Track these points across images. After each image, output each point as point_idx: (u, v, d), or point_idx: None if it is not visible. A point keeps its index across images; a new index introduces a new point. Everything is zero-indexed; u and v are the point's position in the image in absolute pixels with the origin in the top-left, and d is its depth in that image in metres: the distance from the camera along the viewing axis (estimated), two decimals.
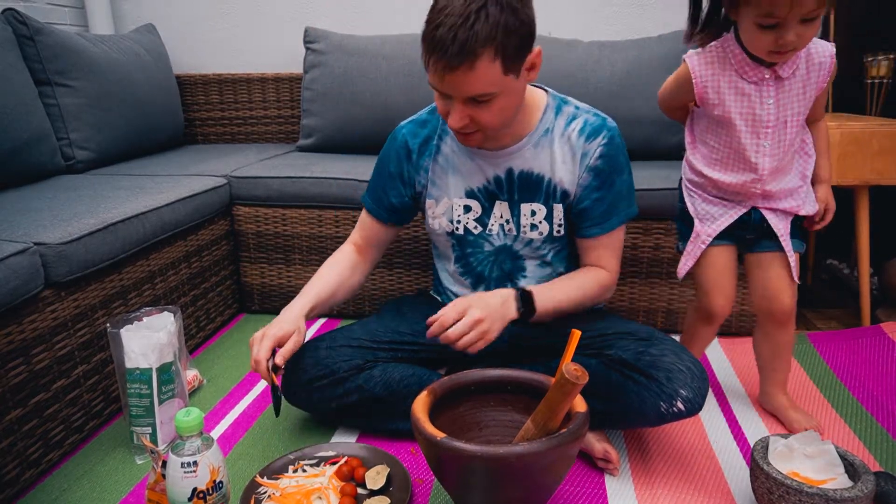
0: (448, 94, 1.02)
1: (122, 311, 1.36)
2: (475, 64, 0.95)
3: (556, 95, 1.21)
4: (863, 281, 1.80)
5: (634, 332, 1.16)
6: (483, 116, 1.03)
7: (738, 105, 1.11)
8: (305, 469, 1.12)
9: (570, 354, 0.92)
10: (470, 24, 0.92)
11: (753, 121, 1.11)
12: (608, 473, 1.14)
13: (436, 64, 0.97)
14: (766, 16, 0.98)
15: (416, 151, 1.25)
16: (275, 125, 2.43)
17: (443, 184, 1.24)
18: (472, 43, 0.93)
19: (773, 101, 1.10)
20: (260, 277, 1.89)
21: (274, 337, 1.12)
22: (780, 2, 0.96)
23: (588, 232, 1.20)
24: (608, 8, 2.23)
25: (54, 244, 1.17)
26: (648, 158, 1.95)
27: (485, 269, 1.28)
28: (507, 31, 0.95)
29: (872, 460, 1.17)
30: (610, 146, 1.16)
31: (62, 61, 1.80)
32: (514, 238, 1.24)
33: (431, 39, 0.96)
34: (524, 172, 1.19)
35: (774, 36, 1.00)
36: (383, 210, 1.30)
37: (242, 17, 2.42)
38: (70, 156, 1.84)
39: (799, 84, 1.10)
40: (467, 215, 1.24)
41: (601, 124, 1.17)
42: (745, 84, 1.10)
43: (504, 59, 0.97)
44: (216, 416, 1.36)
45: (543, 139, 1.17)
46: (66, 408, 1.21)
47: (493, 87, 0.99)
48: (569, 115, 1.18)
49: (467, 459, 0.84)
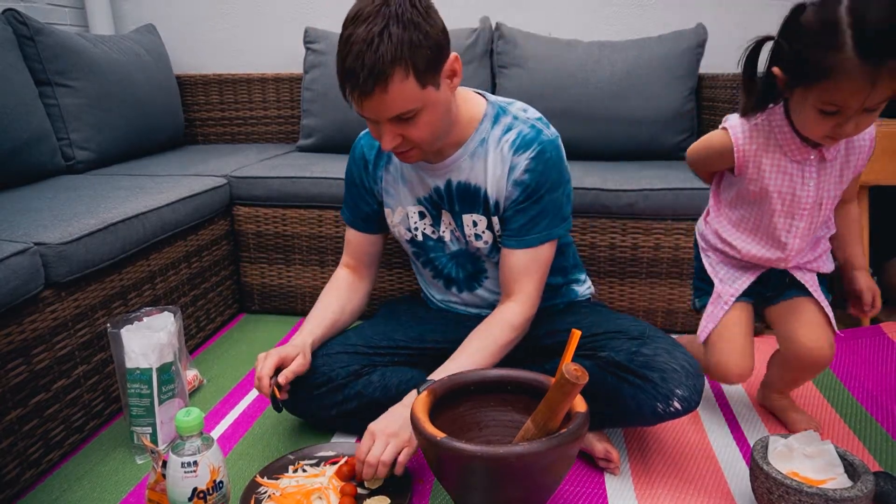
0: (374, 119, 1.02)
1: (122, 311, 1.36)
2: (388, 85, 0.95)
3: (495, 103, 1.17)
4: None
5: (626, 331, 1.15)
6: (412, 133, 1.03)
7: (778, 183, 1.07)
8: (305, 469, 1.12)
9: (570, 354, 0.92)
10: (374, 48, 0.93)
11: (791, 201, 1.07)
12: (609, 473, 1.14)
13: (352, 93, 0.98)
14: (830, 104, 0.93)
15: (372, 162, 1.25)
16: (275, 125, 2.43)
17: (395, 192, 1.25)
18: (381, 65, 0.93)
19: (813, 183, 1.05)
20: (260, 277, 1.89)
21: (278, 355, 1.12)
22: (854, 95, 0.90)
23: (505, 242, 1.16)
24: (608, 8, 2.23)
25: (54, 244, 1.17)
26: (648, 158, 1.95)
27: (451, 270, 1.29)
28: (412, 47, 0.95)
29: (872, 460, 1.17)
30: (538, 160, 1.11)
31: (62, 61, 1.80)
32: (466, 244, 1.24)
33: (342, 71, 0.97)
34: (461, 184, 1.17)
35: (834, 123, 0.95)
36: (360, 221, 1.31)
37: (242, 17, 2.42)
38: (70, 156, 1.84)
39: (838, 166, 1.07)
40: (423, 221, 1.24)
41: (533, 137, 1.12)
42: (788, 162, 1.05)
43: (416, 74, 0.97)
44: (216, 416, 1.36)
45: (479, 149, 1.15)
46: (66, 408, 1.21)
47: (414, 104, 0.99)
48: (505, 125, 1.14)
49: (467, 459, 0.84)
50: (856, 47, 0.86)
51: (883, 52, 0.86)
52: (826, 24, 0.89)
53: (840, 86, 0.90)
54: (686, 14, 2.18)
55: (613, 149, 1.97)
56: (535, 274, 1.16)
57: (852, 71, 0.87)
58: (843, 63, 0.87)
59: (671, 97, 1.91)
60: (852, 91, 0.89)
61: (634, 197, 1.61)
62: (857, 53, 0.86)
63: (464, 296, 1.31)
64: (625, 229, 1.65)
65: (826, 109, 0.94)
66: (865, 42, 0.86)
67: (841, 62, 0.87)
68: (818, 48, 0.90)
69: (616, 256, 1.67)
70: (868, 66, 0.87)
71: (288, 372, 1.12)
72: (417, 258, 1.32)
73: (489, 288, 1.28)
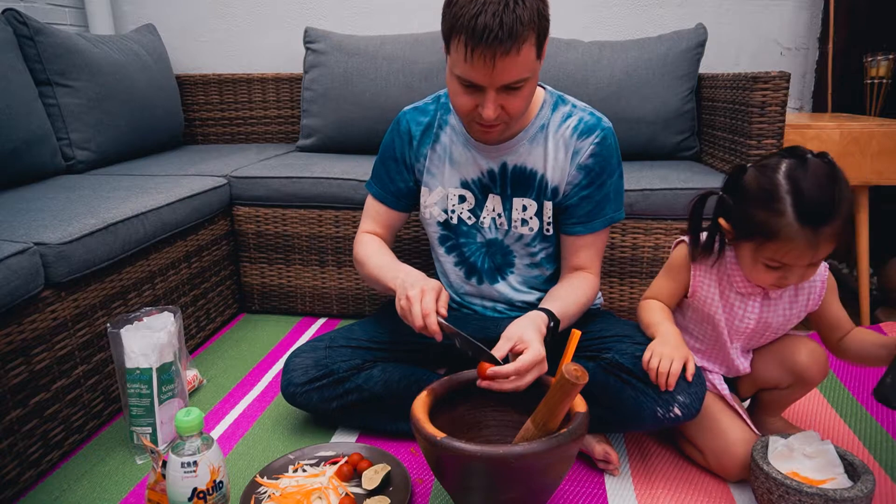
0: (479, 86, 1.01)
1: (122, 311, 1.36)
2: (521, 48, 0.96)
3: (553, 92, 1.21)
4: (862, 281, 1.80)
5: (632, 336, 1.15)
6: (513, 103, 1.04)
7: (722, 311, 1.12)
8: (305, 469, 1.12)
9: (570, 354, 0.92)
10: (511, 8, 0.94)
11: (731, 328, 1.12)
12: (608, 474, 1.14)
13: (483, 52, 0.95)
14: (775, 261, 0.99)
15: (418, 138, 1.25)
16: (275, 125, 2.43)
17: (438, 173, 1.24)
18: (519, 27, 0.94)
19: (754, 316, 1.10)
20: (260, 277, 1.89)
21: (434, 289, 1.03)
22: (798, 256, 0.96)
23: (571, 230, 1.20)
24: (608, 9, 2.23)
25: (54, 244, 1.17)
26: (648, 158, 1.95)
27: (477, 259, 1.28)
28: (541, 15, 0.98)
29: (872, 460, 1.17)
30: (602, 146, 1.16)
31: (62, 62, 1.80)
32: (506, 233, 1.24)
33: (474, 28, 0.94)
34: (518, 167, 1.19)
35: (779, 275, 1.00)
36: (391, 195, 1.29)
37: (242, 17, 2.42)
38: (70, 156, 1.84)
39: (786, 301, 1.10)
40: (462, 205, 1.24)
41: (595, 123, 1.16)
42: (731, 293, 1.10)
43: (538, 42, 0.99)
44: (216, 416, 1.36)
45: (539, 135, 1.17)
46: (66, 408, 1.21)
47: (529, 71, 1.01)
48: (565, 112, 1.18)
49: (467, 459, 0.84)
50: (796, 214, 0.93)
51: (820, 220, 0.93)
52: (767, 189, 0.96)
53: (785, 247, 0.96)
54: (686, 14, 2.18)
55: None
56: (600, 253, 1.24)
57: (795, 236, 0.94)
58: (785, 228, 0.94)
59: (671, 97, 1.91)
60: (797, 253, 0.96)
61: (634, 197, 1.61)
62: (797, 220, 0.93)
63: (483, 287, 1.29)
64: (624, 229, 1.65)
65: (771, 265, 1.00)
66: (804, 210, 0.93)
67: (784, 227, 0.94)
68: (761, 210, 0.97)
69: (616, 256, 1.67)
70: (808, 232, 0.93)
71: (444, 302, 1.04)
72: (443, 242, 1.30)
73: (511, 283, 1.28)
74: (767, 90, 1.53)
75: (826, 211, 0.93)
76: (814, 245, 0.94)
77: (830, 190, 0.93)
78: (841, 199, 0.93)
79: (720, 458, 1.09)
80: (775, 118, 1.54)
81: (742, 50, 2.21)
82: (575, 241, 1.21)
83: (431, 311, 1.00)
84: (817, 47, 2.16)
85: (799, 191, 0.93)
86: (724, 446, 1.09)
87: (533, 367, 0.97)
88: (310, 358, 1.23)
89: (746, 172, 1.01)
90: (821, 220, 0.93)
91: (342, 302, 1.87)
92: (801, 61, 2.20)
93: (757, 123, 1.55)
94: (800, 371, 1.11)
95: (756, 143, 1.56)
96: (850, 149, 1.68)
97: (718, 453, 1.10)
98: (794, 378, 1.12)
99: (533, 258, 1.25)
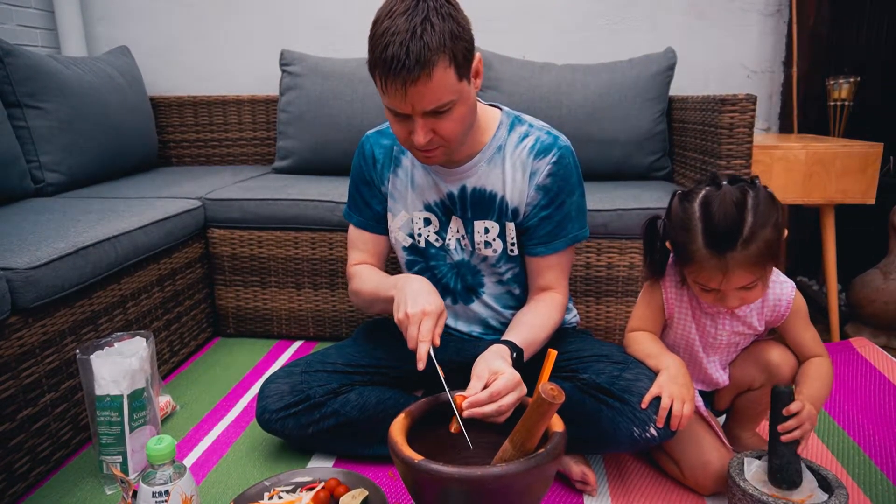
0: (407, 114, 1.02)
1: (92, 337, 1.33)
2: (432, 73, 0.96)
3: (510, 112, 1.22)
4: (831, 297, 1.84)
5: (609, 356, 1.16)
6: (445, 127, 1.04)
7: (696, 330, 1.16)
8: (281, 496, 1.10)
9: (547, 374, 0.93)
10: (419, 35, 0.94)
11: (707, 343, 1.16)
12: (587, 494, 1.14)
13: (394, 82, 0.97)
14: (699, 283, 1.04)
15: (381, 162, 1.25)
16: (250, 147, 2.42)
17: (401, 197, 1.25)
18: (427, 52, 0.95)
19: (726, 332, 1.14)
20: (235, 301, 1.86)
21: (434, 314, 1.02)
22: (711, 280, 1.01)
23: (534, 251, 1.20)
24: (581, 32, 2.28)
25: (22, 269, 1.15)
26: (621, 179, 1.98)
27: (449, 280, 1.28)
28: (453, 37, 0.97)
29: (844, 473, 1.18)
30: (559, 165, 1.15)
31: (33, 83, 1.78)
32: (471, 254, 1.24)
33: (384, 60, 0.96)
34: (477, 190, 1.19)
35: (713, 297, 1.04)
36: (371, 221, 1.29)
37: (217, 39, 2.42)
38: (40, 178, 1.81)
39: (754, 315, 1.13)
40: (428, 228, 1.24)
41: (552, 143, 1.16)
42: (701, 313, 1.14)
43: (456, 65, 0.99)
44: (189, 443, 1.33)
45: (496, 156, 1.18)
46: (31, 438, 1.17)
47: (452, 95, 1.01)
48: (521, 132, 1.19)
49: (445, 482, 0.83)
50: (704, 240, 0.98)
51: (725, 246, 0.97)
52: (684, 216, 1.02)
53: (699, 271, 1.01)
54: (656, 39, 2.23)
55: (587, 169, 1.96)
56: (565, 273, 1.23)
57: (704, 260, 0.99)
58: (696, 253, 0.99)
59: (643, 119, 1.95)
60: (709, 276, 1.00)
61: (608, 217, 1.63)
62: (705, 245, 0.98)
63: (457, 308, 1.30)
64: (599, 249, 1.67)
65: (703, 287, 1.04)
66: (710, 236, 0.98)
67: (695, 252, 1.00)
68: (679, 236, 1.03)
69: (591, 276, 1.69)
70: (715, 257, 0.98)
71: (439, 330, 1.03)
72: (412, 267, 1.30)
73: (485, 302, 1.28)
74: (735, 112, 1.57)
75: (731, 237, 0.96)
76: (723, 270, 0.98)
77: (737, 217, 0.96)
78: (751, 226, 0.96)
79: (695, 471, 1.11)
80: (743, 139, 1.58)
81: (710, 73, 2.27)
82: (539, 262, 1.21)
83: (426, 340, 1.00)
84: (782, 70, 2.23)
85: (708, 217, 0.98)
86: (700, 460, 1.10)
87: (510, 391, 0.96)
88: (286, 383, 1.22)
89: (674, 199, 1.07)
90: (725, 246, 0.96)
91: (319, 324, 1.85)
92: (767, 83, 2.27)
93: (726, 144, 1.59)
94: (773, 368, 1.14)
95: (726, 164, 1.59)
96: (816, 169, 1.73)
97: (694, 466, 1.11)
98: (766, 376, 1.15)
99: (500, 277, 1.25)
